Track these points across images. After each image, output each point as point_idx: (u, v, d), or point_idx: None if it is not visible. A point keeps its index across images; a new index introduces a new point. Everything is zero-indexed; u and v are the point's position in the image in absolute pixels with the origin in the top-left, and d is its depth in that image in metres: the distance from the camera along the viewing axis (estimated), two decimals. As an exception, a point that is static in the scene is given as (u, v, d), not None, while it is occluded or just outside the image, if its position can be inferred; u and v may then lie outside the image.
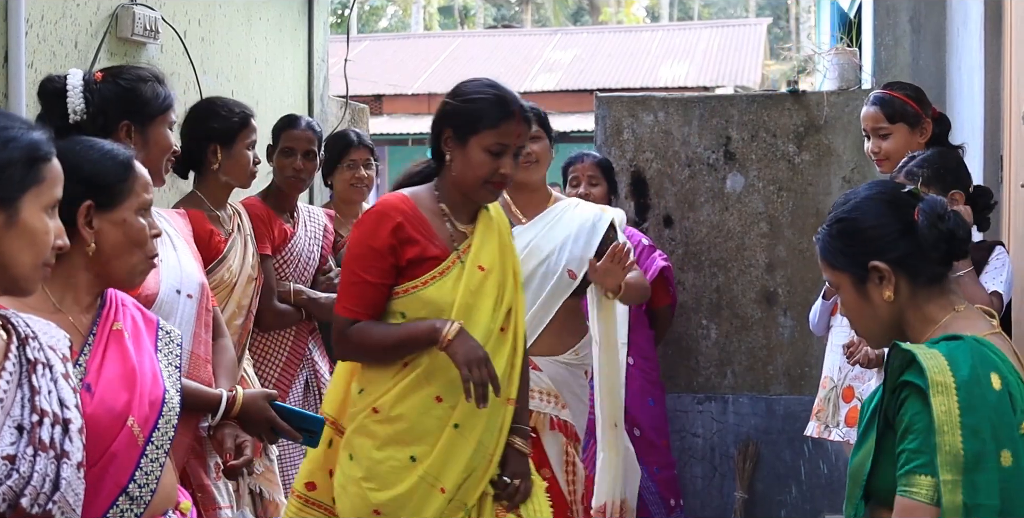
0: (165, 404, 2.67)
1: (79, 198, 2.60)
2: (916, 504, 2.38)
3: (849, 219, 2.66)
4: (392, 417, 3.41)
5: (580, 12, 41.83)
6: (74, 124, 3.29)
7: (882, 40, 6.60)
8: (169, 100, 3.48)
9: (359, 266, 3.42)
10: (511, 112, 3.45)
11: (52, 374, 2.23)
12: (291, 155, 4.90)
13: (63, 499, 2.13)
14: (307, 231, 4.96)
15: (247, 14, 5.82)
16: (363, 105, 7.47)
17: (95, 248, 2.65)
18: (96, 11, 4.48)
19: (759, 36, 24.28)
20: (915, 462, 2.38)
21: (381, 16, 41.02)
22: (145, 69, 3.51)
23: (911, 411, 2.42)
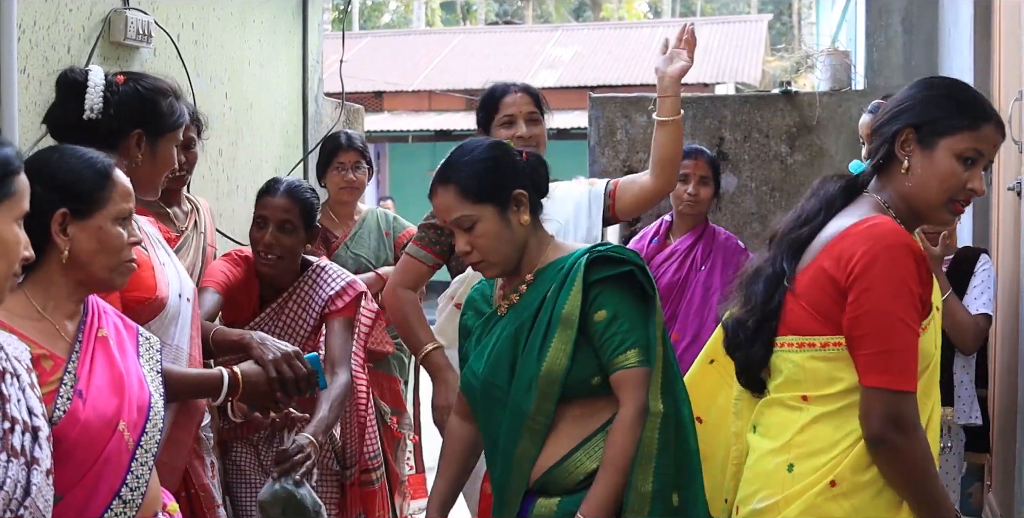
0: (151, 409, 2.71)
1: (54, 206, 2.62)
2: (636, 370, 2.92)
3: (492, 158, 3.08)
4: (862, 484, 2.71)
5: (582, 8, 41.80)
6: (87, 121, 3.25)
7: (874, 41, 6.63)
8: (182, 119, 3.44)
9: (909, 316, 2.68)
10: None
11: (20, 383, 2.27)
12: (263, 227, 4.23)
13: (33, 505, 2.18)
14: (286, 310, 4.27)
15: (241, 17, 5.84)
16: (358, 106, 7.49)
17: (70, 256, 2.65)
18: (89, 16, 4.49)
19: (760, 33, 24.28)
20: (630, 339, 2.93)
21: (383, 12, 41.02)
22: (165, 82, 3.47)
23: (614, 300, 2.95)
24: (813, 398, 2.75)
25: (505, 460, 3.04)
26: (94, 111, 3.24)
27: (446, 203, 3.07)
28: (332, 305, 4.20)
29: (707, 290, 5.51)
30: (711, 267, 5.57)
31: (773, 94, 6.69)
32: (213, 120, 5.53)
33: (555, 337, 2.97)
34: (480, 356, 3.11)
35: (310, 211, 4.26)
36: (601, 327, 2.97)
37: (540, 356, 2.98)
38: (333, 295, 4.21)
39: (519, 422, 3.00)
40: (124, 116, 3.29)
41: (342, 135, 5.63)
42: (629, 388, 2.94)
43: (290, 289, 4.28)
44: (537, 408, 2.97)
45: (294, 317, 4.26)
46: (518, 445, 3.01)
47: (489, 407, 3.09)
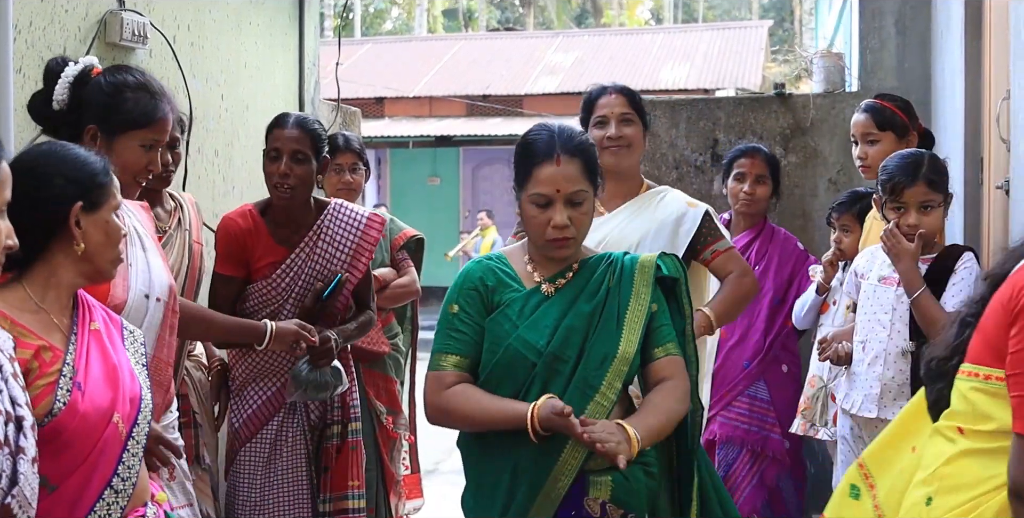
0: (142, 401, 2.75)
1: (72, 199, 2.68)
2: (679, 358, 3.22)
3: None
4: None
5: (584, 15, 41.87)
6: (55, 112, 3.32)
7: (868, 43, 6.65)
8: (148, 117, 3.39)
9: None
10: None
11: (2, 374, 2.31)
12: (276, 159, 4.35)
13: (21, 493, 2.21)
14: (317, 250, 4.38)
15: (237, 19, 5.87)
16: (355, 108, 7.52)
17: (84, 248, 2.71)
18: (85, 17, 4.52)
19: (760, 38, 24.33)
20: (672, 332, 3.23)
21: (385, 19, 41.09)
22: (136, 75, 3.46)
23: (663, 298, 3.26)
24: (968, 431, 2.54)
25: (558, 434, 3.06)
26: (59, 102, 3.28)
27: (571, 174, 3.17)
28: (367, 237, 4.44)
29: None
30: (765, 267, 5.62)
31: (767, 96, 6.71)
32: (209, 121, 5.57)
33: (626, 323, 3.17)
34: (535, 329, 3.15)
35: (319, 141, 4.41)
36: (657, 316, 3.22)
37: (616, 337, 3.15)
38: (365, 227, 4.44)
39: (586, 398, 3.11)
40: (82, 110, 3.31)
41: (339, 137, 5.64)
42: (679, 371, 3.23)
43: (316, 226, 4.41)
44: (608, 384, 3.12)
45: (325, 255, 4.38)
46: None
47: (546, 380, 3.12)
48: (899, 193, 4.20)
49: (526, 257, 3.32)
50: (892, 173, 4.23)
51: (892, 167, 4.26)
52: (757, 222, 5.69)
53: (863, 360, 4.37)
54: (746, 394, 5.56)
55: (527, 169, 3.19)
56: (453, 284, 3.28)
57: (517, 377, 3.14)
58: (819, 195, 6.42)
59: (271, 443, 4.39)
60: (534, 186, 3.17)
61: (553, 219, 3.16)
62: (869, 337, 4.36)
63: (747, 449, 5.55)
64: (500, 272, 3.27)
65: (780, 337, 5.59)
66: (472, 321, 3.21)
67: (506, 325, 3.17)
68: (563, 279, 3.26)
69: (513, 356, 3.14)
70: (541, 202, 3.17)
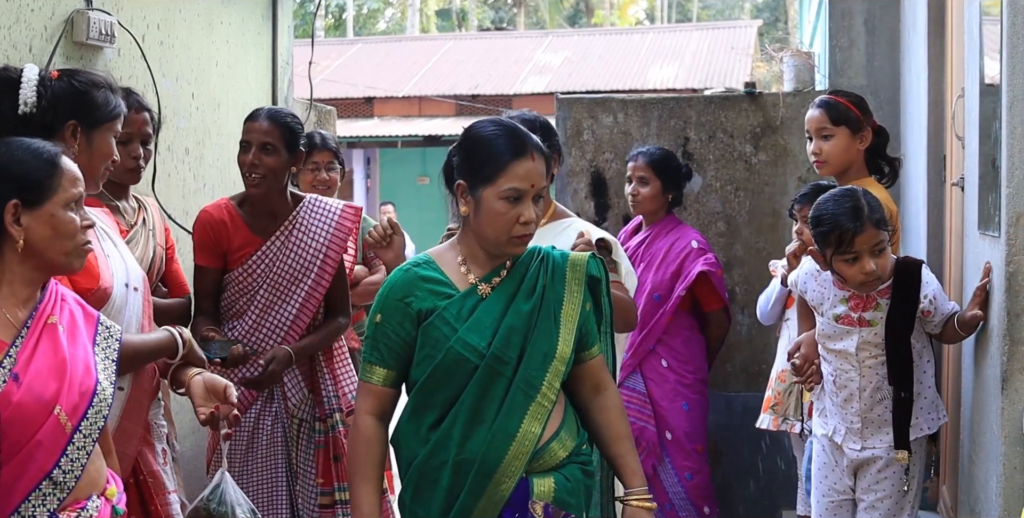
0: (96, 395, 2.77)
1: (5, 197, 2.71)
2: (602, 356, 3.33)
3: None
4: None
5: (577, 14, 41.91)
6: (22, 116, 3.31)
7: (837, 42, 6.70)
8: (118, 110, 3.51)
9: None
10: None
11: None
12: (246, 151, 4.50)
13: None
14: (292, 239, 4.55)
15: (207, 18, 5.91)
16: (330, 107, 7.56)
17: (25, 244, 2.75)
18: (51, 16, 4.56)
19: (750, 38, 24.37)
20: (596, 330, 3.31)
21: (379, 19, 41.11)
22: (100, 76, 3.54)
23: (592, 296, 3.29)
24: None
25: (500, 437, 3.09)
26: (28, 105, 3.30)
27: (540, 171, 3.18)
28: (341, 227, 4.59)
29: (639, 286, 5.61)
30: (648, 263, 5.78)
31: (737, 95, 6.74)
32: (179, 120, 5.60)
33: (562, 322, 3.19)
34: (476, 331, 3.14)
35: (291, 133, 4.55)
36: (586, 315, 3.25)
37: (555, 336, 3.17)
38: (339, 218, 4.61)
39: (528, 399, 3.12)
40: (58, 109, 3.35)
41: (316, 135, 5.67)
42: (605, 372, 3.34)
43: (291, 216, 4.57)
44: (549, 384, 3.15)
45: (300, 244, 4.55)
46: (522, 423, 3.11)
47: (486, 382, 3.12)
48: (849, 242, 4.00)
49: (459, 258, 3.26)
50: (835, 222, 4.02)
51: (831, 215, 4.05)
52: (655, 222, 5.88)
53: (837, 393, 4.28)
54: (625, 386, 5.65)
55: (498, 164, 3.13)
56: (379, 293, 3.24)
57: (456, 380, 3.13)
58: (789, 193, 6.47)
59: (250, 432, 4.52)
60: (508, 181, 3.12)
61: (524, 214, 3.13)
62: (838, 372, 4.27)
63: None
64: (428, 278, 3.22)
65: (656, 332, 5.71)
66: (394, 333, 3.18)
67: (444, 329, 3.15)
68: (497, 277, 3.23)
69: (454, 359, 3.12)
70: (513, 197, 3.13)
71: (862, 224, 3.97)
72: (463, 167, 3.21)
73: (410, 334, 3.17)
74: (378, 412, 3.24)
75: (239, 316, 4.57)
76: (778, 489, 6.40)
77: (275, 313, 4.54)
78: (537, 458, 3.12)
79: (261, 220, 4.56)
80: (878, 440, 4.19)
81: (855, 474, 4.29)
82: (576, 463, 3.19)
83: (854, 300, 4.20)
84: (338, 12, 36.80)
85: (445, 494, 3.12)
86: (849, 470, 4.29)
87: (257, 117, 4.56)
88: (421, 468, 3.16)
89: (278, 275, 4.53)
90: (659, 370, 5.70)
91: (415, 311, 3.17)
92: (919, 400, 4.19)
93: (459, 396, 3.13)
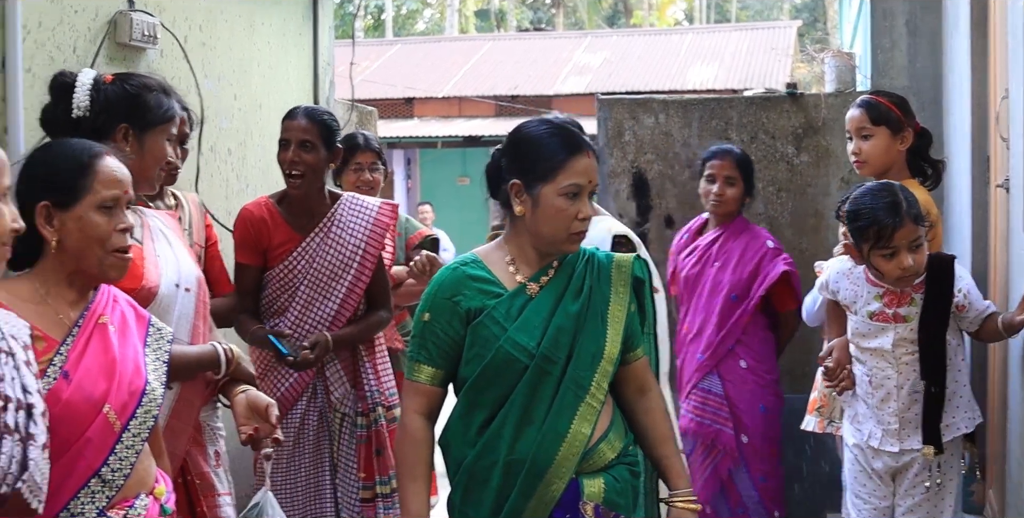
0: (146, 395, 2.79)
1: (36, 198, 2.74)
2: (647, 358, 3.35)
3: None
4: None
5: (616, 15, 41.84)
6: (76, 119, 3.40)
7: (879, 43, 6.65)
8: (171, 112, 3.56)
9: None
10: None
11: (15, 362, 2.36)
12: (285, 149, 4.62)
13: (31, 478, 2.27)
14: (331, 235, 4.63)
15: (249, 19, 5.94)
16: (372, 108, 7.57)
17: (58, 245, 2.77)
18: (95, 17, 4.59)
19: (789, 38, 24.23)
20: (641, 332, 3.32)
21: (418, 20, 41.17)
22: (154, 79, 3.60)
23: (637, 298, 3.31)
24: None
25: (550, 438, 3.10)
26: (81, 109, 3.39)
27: (595, 167, 3.20)
28: (379, 223, 4.67)
29: (716, 285, 5.64)
30: (724, 263, 5.68)
31: (779, 95, 6.72)
32: (222, 121, 5.63)
33: (610, 323, 3.20)
34: (525, 330, 3.14)
35: (328, 131, 4.64)
36: (631, 317, 3.25)
37: (602, 337, 3.18)
38: (377, 214, 4.68)
39: (578, 399, 3.13)
40: (110, 112, 3.42)
41: (359, 136, 5.68)
42: (649, 374, 3.34)
43: (329, 213, 4.66)
44: (597, 385, 3.15)
45: (339, 239, 4.62)
46: (572, 423, 3.11)
47: (535, 381, 3.13)
48: (888, 237, 3.99)
49: (507, 257, 3.25)
50: (873, 216, 4.01)
51: (869, 210, 4.04)
52: (727, 221, 5.77)
53: (873, 395, 4.25)
54: (700, 387, 5.64)
55: (557, 161, 3.13)
56: (426, 292, 3.24)
57: (506, 380, 3.14)
58: (831, 194, 6.44)
59: (296, 427, 4.59)
60: (568, 177, 3.12)
61: (581, 211, 3.14)
62: (874, 371, 4.24)
63: (700, 442, 5.64)
64: (476, 277, 3.22)
65: (736, 332, 5.64)
66: (443, 332, 3.18)
67: (494, 328, 3.15)
68: (545, 277, 3.23)
69: (504, 359, 3.13)
70: (572, 193, 3.13)
71: (901, 219, 3.96)
72: (517, 166, 3.20)
73: (458, 333, 3.17)
74: (426, 411, 3.25)
75: (281, 313, 4.63)
76: (822, 491, 6.35)
77: (316, 309, 4.60)
78: (587, 459, 3.12)
79: (300, 217, 4.64)
80: (915, 441, 4.16)
81: (893, 479, 4.26)
82: (624, 464, 3.20)
83: (888, 296, 4.18)
84: (377, 13, 36.87)
85: (495, 495, 3.12)
86: (887, 476, 4.26)
87: (295, 115, 4.65)
88: (471, 469, 3.17)
89: (318, 271, 4.59)
90: (738, 371, 5.64)
91: (463, 310, 3.17)
92: (954, 399, 4.16)
93: (509, 396, 3.13)
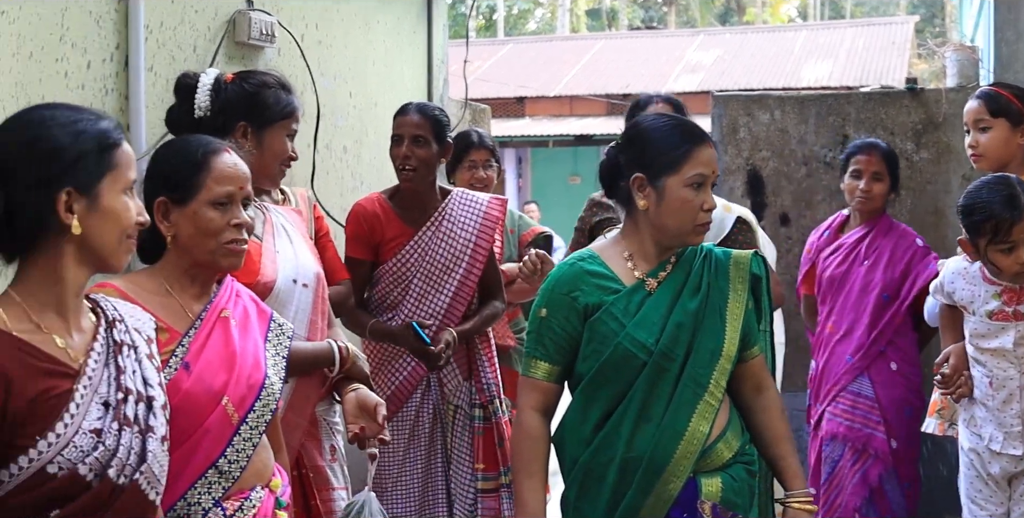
0: (264, 389, 2.84)
1: (155, 194, 2.83)
2: (763, 356, 3.31)
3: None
4: None
5: (727, 13, 41.53)
6: (198, 119, 3.51)
7: (1003, 36, 6.51)
8: (290, 108, 3.63)
9: None
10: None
11: (136, 355, 2.41)
12: (399, 144, 4.66)
13: (149, 470, 2.31)
14: (443, 229, 4.68)
15: (364, 17, 5.97)
16: (485, 106, 7.58)
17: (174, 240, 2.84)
18: (214, 16, 4.64)
19: (906, 34, 23.85)
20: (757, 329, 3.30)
21: (529, 19, 41.26)
22: (273, 76, 3.67)
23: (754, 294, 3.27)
24: None
25: (668, 435, 3.09)
26: (202, 109, 3.49)
27: (716, 158, 3.20)
28: (489, 217, 4.71)
29: (866, 285, 5.48)
30: (875, 262, 5.52)
31: (898, 91, 6.59)
32: (337, 118, 5.67)
33: (728, 320, 3.17)
34: (643, 327, 3.12)
35: (440, 126, 4.69)
36: (749, 314, 3.22)
37: (720, 334, 3.16)
38: (487, 208, 4.74)
39: (696, 397, 3.11)
40: (229, 110, 3.51)
41: (473, 133, 5.70)
42: (766, 372, 3.30)
43: (440, 208, 4.70)
44: (716, 383, 3.14)
45: (450, 233, 4.67)
46: (690, 421, 3.10)
47: (654, 378, 3.11)
48: (1006, 232, 3.91)
49: (625, 252, 3.24)
50: (990, 210, 3.92)
51: (985, 204, 3.94)
52: (873, 218, 5.58)
53: (993, 397, 4.15)
54: (849, 390, 5.46)
55: (681, 152, 3.11)
56: (543, 287, 3.24)
57: (624, 377, 3.12)
58: (952, 191, 6.31)
59: (412, 420, 4.63)
60: (693, 167, 3.10)
61: (706, 201, 3.13)
62: (995, 372, 4.14)
63: (850, 446, 5.45)
64: (593, 272, 3.20)
65: (887, 333, 5.45)
66: (560, 328, 3.18)
67: (612, 324, 3.13)
68: (663, 272, 3.21)
69: (622, 355, 3.11)
70: (698, 183, 3.11)
71: (1020, 213, 3.88)
72: (638, 161, 3.17)
73: (576, 329, 3.16)
74: (542, 408, 3.24)
75: (394, 307, 4.66)
76: (940, 495, 6.22)
77: (430, 302, 4.63)
78: (704, 457, 3.10)
79: (412, 212, 4.69)
80: None
81: (1009, 484, 4.16)
82: (741, 463, 3.18)
83: (1007, 294, 4.07)
84: (488, 13, 37.00)
85: (611, 492, 3.11)
86: (1003, 481, 4.16)
87: (407, 111, 4.71)
88: (587, 466, 3.15)
89: (431, 264, 4.63)
90: (888, 373, 5.45)
91: (581, 305, 3.16)
92: None
93: (626, 393, 3.12)
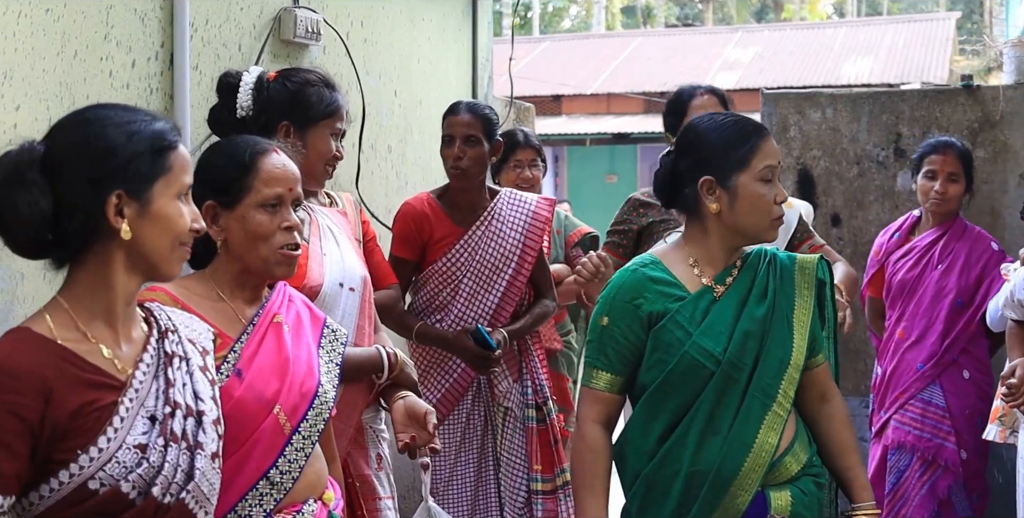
0: (317, 397, 2.75)
1: (203, 198, 2.70)
2: (828, 363, 3.20)
3: None
4: None
5: (764, 10, 41.35)
6: (241, 119, 3.44)
7: (1062, 31, 6.39)
8: (334, 106, 3.56)
9: None
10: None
11: (188, 367, 2.31)
12: (450, 144, 4.60)
13: (197, 489, 2.19)
14: (492, 229, 4.64)
15: (410, 15, 5.91)
16: (529, 104, 7.51)
17: (225, 244, 2.78)
18: (259, 14, 4.58)
19: (947, 31, 23.64)
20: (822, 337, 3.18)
21: (564, 17, 41.22)
22: (316, 74, 3.60)
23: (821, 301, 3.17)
24: None
25: (735, 447, 2.99)
26: (244, 108, 3.45)
27: (778, 148, 3.12)
28: (537, 217, 4.67)
29: (940, 290, 5.32)
30: (949, 266, 5.35)
31: (953, 88, 6.47)
32: (382, 117, 5.61)
33: (795, 327, 3.06)
34: (710, 335, 3.02)
35: (490, 125, 4.65)
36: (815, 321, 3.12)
37: (789, 342, 3.05)
38: (536, 208, 4.70)
39: (765, 408, 3.01)
40: (272, 110, 3.44)
41: (519, 132, 5.66)
42: (831, 380, 3.21)
43: (489, 208, 4.67)
44: (784, 393, 3.03)
45: (499, 233, 4.63)
46: (758, 432, 3.00)
47: (721, 389, 3.01)
48: None
49: (690, 258, 3.12)
50: None
51: None
52: (946, 220, 5.41)
53: None
54: (919, 398, 5.30)
55: (747, 146, 3.03)
56: (604, 294, 3.12)
57: (690, 387, 3.02)
58: (1009, 191, 6.18)
59: (463, 422, 4.60)
60: (763, 160, 3.02)
61: (779, 194, 3.05)
62: None
63: (918, 456, 5.28)
64: (657, 279, 3.09)
65: (961, 341, 5.28)
66: (623, 337, 3.06)
67: (677, 333, 3.02)
68: (730, 278, 3.10)
69: (689, 365, 3.00)
70: (768, 176, 3.03)
71: None
72: (703, 164, 3.07)
73: (640, 337, 3.05)
74: (603, 420, 3.14)
75: (443, 308, 4.61)
76: (996, 503, 6.11)
77: (479, 302, 4.59)
78: (772, 470, 3.00)
79: (462, 211, 4.67)
80: None
81: None
82: (810, 475, 3.07)
83: None
84: (524, 11, 36.97)
85: (676, 506, 3.01)
86: None
87: (458, 111, 4.66)
88: (650, 479, 3.05)
89: (481, 264, 4.58)
90: (961, 382, 5.28)
91: (645, 314, 3.05)
92: None
93: (692, 404, 3.01)
